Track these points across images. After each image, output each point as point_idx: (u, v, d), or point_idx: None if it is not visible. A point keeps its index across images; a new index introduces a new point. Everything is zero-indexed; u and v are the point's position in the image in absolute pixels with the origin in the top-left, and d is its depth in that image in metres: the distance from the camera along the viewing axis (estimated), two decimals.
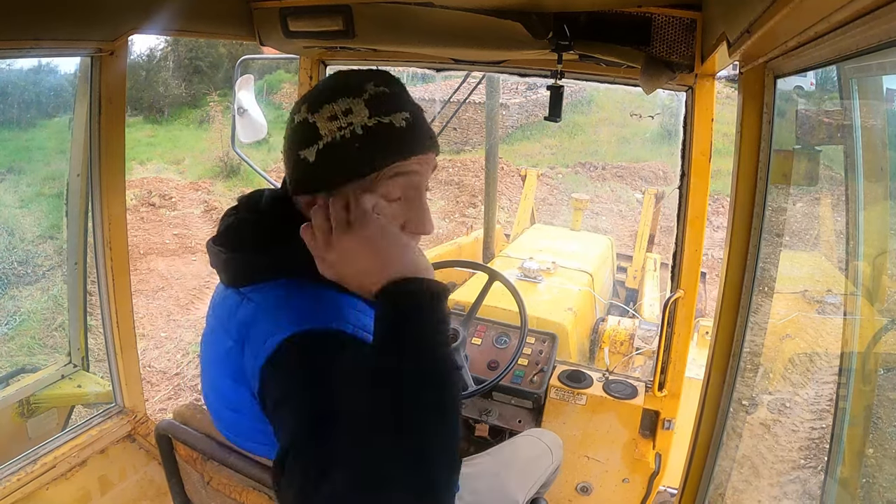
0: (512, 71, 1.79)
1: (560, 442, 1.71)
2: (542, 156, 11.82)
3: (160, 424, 1.04)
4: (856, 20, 0.62)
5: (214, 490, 1.00)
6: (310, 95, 0.83)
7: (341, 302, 0.79)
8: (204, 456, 0.98)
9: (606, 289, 3.86)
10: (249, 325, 0.78)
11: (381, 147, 0.79)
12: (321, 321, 0.75)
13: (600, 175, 11.05)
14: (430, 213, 0.86)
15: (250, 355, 0.76)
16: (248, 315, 0.80)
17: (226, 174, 10.44)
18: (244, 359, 0.78)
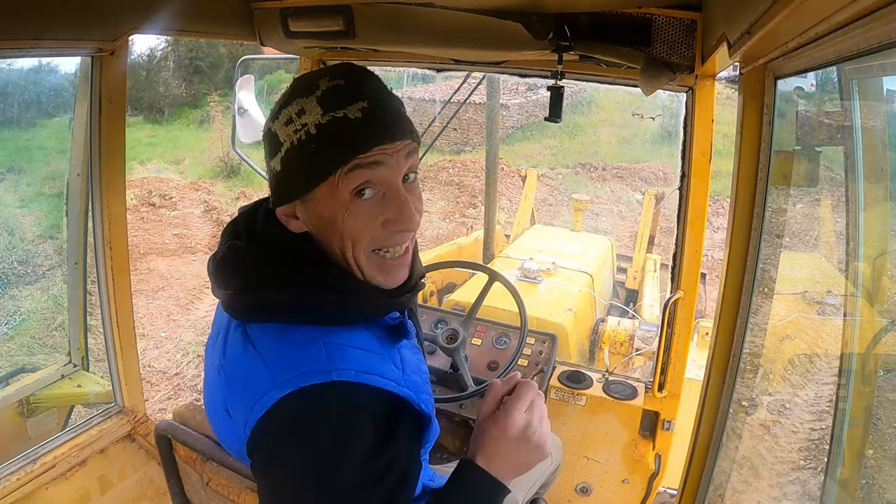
0: (512, 71, 1.79)
1: (559, 443, 1.71)
2: (542, 156, 11.82)
3: (160, 425, 1.04)
4: (856, 21, 0.62)
5: (213, 491, 1.00)
6: (280, 101, 0.80)
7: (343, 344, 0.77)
8: (203, 457, 0.98)
9: (606, 289, 3.86)
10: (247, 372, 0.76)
11: (335, 143, 0.75)
12: (322, 374, 0.72)
13: (600, 176, 11.05)
14: (413, 206, 0.80)
15: (243, 403, 0.74)
16: (248, 360, 0.76)
17: (226, 174, 10.45)
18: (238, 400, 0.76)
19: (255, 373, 0.74)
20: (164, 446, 1.06)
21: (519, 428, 0.83)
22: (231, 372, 0.79)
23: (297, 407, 0.70)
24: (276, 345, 0.76)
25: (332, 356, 0.74)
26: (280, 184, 0.80)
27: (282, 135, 0.77)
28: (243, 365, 0.76)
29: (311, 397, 0.71)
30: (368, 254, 0.81)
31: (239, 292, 0.81)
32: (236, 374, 0.78)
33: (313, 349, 0.75)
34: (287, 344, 0.76)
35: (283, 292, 0.78)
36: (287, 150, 0.77)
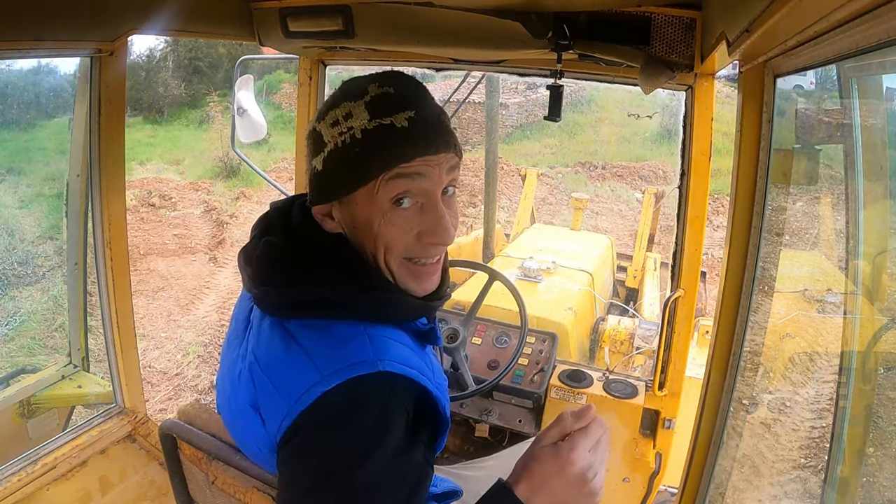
0: (512, 71, 1.79)
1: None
2: (541, 155, 11.81)
3: (164, 424, 1.04)
4: (855, 19, 0.62)
5: (219, 490, 1.00)
6: (326, 104, 0.82)
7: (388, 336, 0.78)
8: (209, 456, 0.98)
9: (606, 288, 3.86)
10: (289, 367, 0.75)
11: (379, 150, 0.76)
12: (369, 364, 0.73)
13: (600, 175, 11.05)
14: (448, 220, 0.81)
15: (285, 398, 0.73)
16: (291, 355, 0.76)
17: (226, 174, 10.44)
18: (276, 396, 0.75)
19: (298, 367, 0.74)
20: (169, 445, 1.06)
21: (580, 468, 0.76)
22: (268, 368, 0.77)
23: (341, 399, 0.70)
24: (321, 339, 0.76)
25: (377, 347, 0.75)
26: (320, 183, 0.81)
27: (326, 135, 0.78)
28: (285, 360, 0.76)
29: (357, 388, 0.71)
30: (400, 260, 0.82)
31: (280, 288, 0.80)
32: (275, 369, 0.76)
33: (359, 341, 0.75)
34: (332, 338, 0.76)
35: (327, 289, 0.79)
36: (330, 151, 0.78)
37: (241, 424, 0.83)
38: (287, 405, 0.72)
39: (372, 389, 0.72)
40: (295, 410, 0.71)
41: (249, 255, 0.85)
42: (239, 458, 0.93)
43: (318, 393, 0.70)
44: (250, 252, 0.86)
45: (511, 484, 0.77)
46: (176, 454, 1.07)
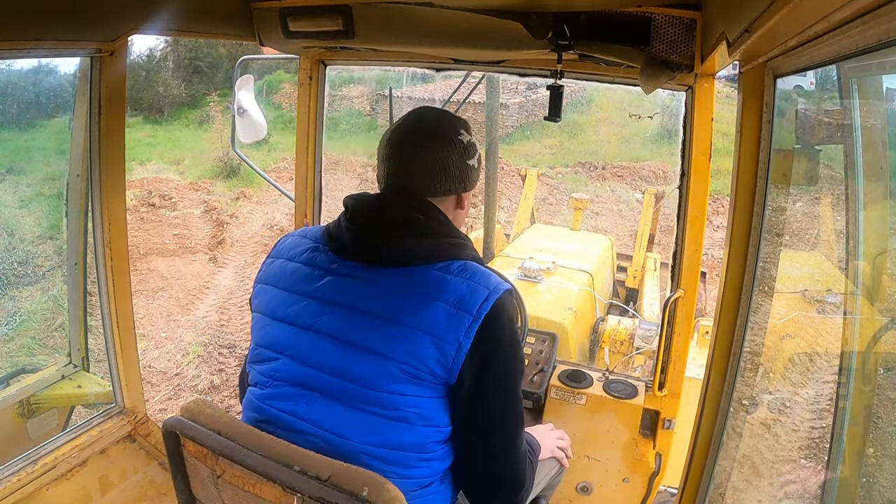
0: (512, 71, 1.79)
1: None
2: (542, 155, 11.82)
3: (167, 421, 1.04)
4: (855, 20, 0.62)
5: (227, 483, 1.00)
6: (461, 123, 1.16)
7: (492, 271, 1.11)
8: (214, 452, 0.98)
9: (606, 288, 3.86)
10: (462, 291, 1.02)
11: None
12: (506, 284, 1.07)
13: (600, 175, 11.05)
14: None
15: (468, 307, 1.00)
16: (459, 285, 1.03)
17: (226, 174, 10.44)
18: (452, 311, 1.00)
19: (471, 289, 1.02)
20: (172, 442, 1.06)
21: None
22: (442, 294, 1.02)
23: (507, 302, 1.05)
24: (472, 273, 1.05)
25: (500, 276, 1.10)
26: (476, 175, 1.19)
27: (476, 145, 1.17)
28: (459, 287, 1.03)
29: (510, 297, 1.06)
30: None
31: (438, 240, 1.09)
32: (452, 293, 1.02)
33: (492, 272, 1.09)
34: (479, 271, 1.07)
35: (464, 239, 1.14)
36: (479, 155, 1.19)
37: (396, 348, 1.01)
38: (469, 317, 1.00)
39: (513, 298, 1.09)
40: (479, 318, 1.00)
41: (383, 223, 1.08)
42: (244, 454, 0.94)
43: (493, 301, 1.02)
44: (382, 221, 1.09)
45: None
46: (179, 451, 1.07)
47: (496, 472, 1.10)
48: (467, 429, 1.06)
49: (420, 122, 1.15)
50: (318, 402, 1.03)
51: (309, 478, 0.90)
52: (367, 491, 0.88)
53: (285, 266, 1.14)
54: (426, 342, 0.99)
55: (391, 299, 1.03)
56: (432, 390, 1.01)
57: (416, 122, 1.15)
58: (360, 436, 1.01)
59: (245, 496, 0.99)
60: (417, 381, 1.00)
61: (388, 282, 1.04)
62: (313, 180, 2.13)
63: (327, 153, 2.19)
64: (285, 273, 1.13)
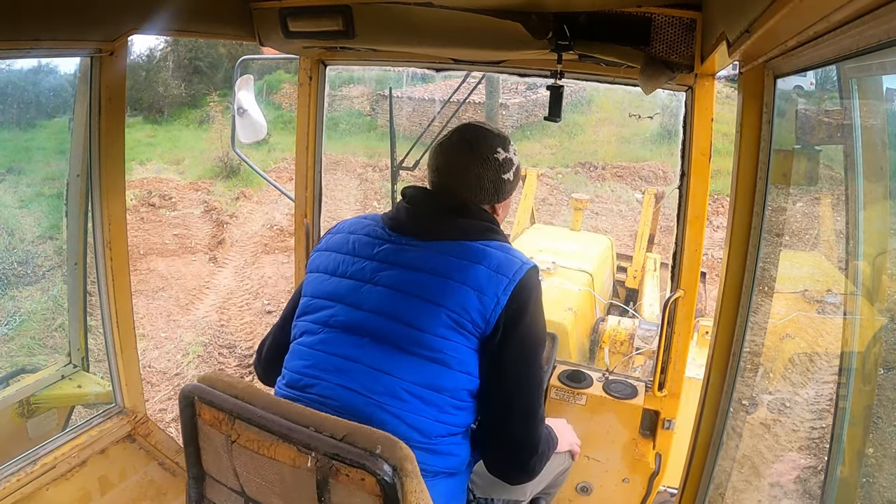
0: (512, 71, 1.79)
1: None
2: (542, 156, 11.81)
3: (185, 388, 1.07)
4: (855, 20, 0.62)
5: (241, 448, 1.01)
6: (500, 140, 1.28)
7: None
8: (230, 416, 1.00)
9: (606, 289, 3.86)
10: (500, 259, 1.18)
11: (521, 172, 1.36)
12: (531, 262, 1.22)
13: (600, 175, 11.05)
14: None
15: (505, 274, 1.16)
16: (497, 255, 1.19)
17: (226, 174, 10.44)
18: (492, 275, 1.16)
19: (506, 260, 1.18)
20: (187, 411, 1.08)
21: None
22: (485, 261, 1.17)
23: (534, 276, 1.20)
24: (507, 250, 1.22)
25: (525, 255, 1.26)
26: (510, 186, 1.32)
27: (514, 160, 1.30)
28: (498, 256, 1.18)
29: (536, 272, 1.22)
30: None
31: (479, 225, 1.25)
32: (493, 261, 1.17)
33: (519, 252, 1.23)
34: (511, 249, 1.23)
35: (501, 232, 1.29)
36: (516, 169, 1.31)
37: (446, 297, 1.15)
38: (507, 279, 1.15)
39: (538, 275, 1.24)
40: (514, 281, 1.15)
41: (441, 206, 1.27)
42: (261, 415, 0.97)
43: (525, 271, 1.17)
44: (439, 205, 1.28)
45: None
46: (194, 421, 1.08)
47: (513, 433, 1.19)
48: (492, 384, 1.18)
49: (462, 140, 1.29)
50: (367, 344, 1.16)
51: (324, 436, 0.93)
52: (380, 448, 0.91)
53: (347, 238, 1.29)
54: (471, 295, 1.14)
55: (442, 260, 1.18)
56: (470, 340, 1.15)
57: (460, 139, 1.29)
58: (405, 374, 1.13)
59: (259, 461, 1.00)
60: (460, 329, 1.13)
61: (438, 250, 1.20)
62: (313, 180, 2.13)
63: (327, 153, 2.19)
64: (347, 242, 1.28)
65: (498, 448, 1.23)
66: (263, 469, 1.01)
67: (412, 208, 1.27)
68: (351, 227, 1.34)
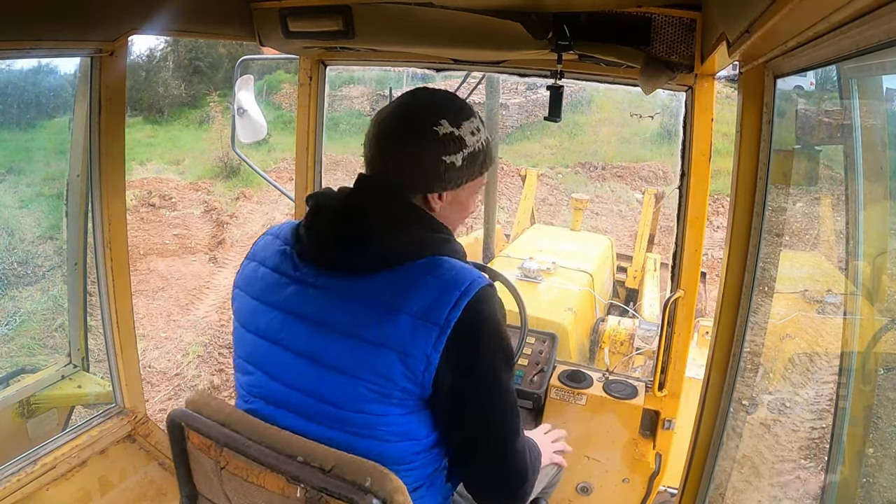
0: (512, 71, 1.79)
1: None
2: (542, 156, 11.81)
3: (173, 413, 1.05)
4: (855, 20, 0.62)
5: (230, 474, 1.00)
6: (443, 111, 1.01)
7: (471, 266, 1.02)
8: (218, 443, 0.99)
9: (606, 289, 3.86)
10: (430, 298, 0.93)
11: (490, 157, 1.09)
12: (483, 279, 0.97)
13: (600, 175, 11.05)
14: None
15: (436, 313, 0.92)
16: (427, 289, 0.94)
17: (226, 174, 10.44)
18: (419, 334, 0.92)
19: (438, 291, 0.93)
20: (176, 434, 1.06)
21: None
22: (405, 303, 0.93)
23: (482, 303, 0.95)
24: (443, 271, 0.96)
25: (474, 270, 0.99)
26: (456, 174, 1.03)
27: (468, 140, 1.03)
28: (423, 292, 0.93)
29: (488, 292, 0.97)
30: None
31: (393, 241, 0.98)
32: (416, 301, 0.93)
33: (468, 267, 0.99)
34: (451, 268, 0.97)
35: (434, 235, 1.02)
36: (471, 152, 1.03)
37: (353, 375, 0.95)
38: (437, 328, 0.91)
39: (494, 295, 0.99)
40: (448, 326, 0.91)
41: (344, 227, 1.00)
42: (248, 444, 0.94)
43: (465, 303, 0.92)
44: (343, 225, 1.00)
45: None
46: (183, 444, 1.07)
47: (495, 469, 1.05)
48: (456, 433, 1.01)
49: (400, 109, 1.04)
50: (295, 420, 0.99)
51: (312, 468, 0.90)
52: (370, 481, 0.88)
53: (257, 271, 1.08)
54: (392, 359, 0.91)
55: (355, 311, 0.95)
56: (405, 406, 0.95)
57: (398, 107, 1.04)
58: (341, 448, 0.94)
59: (248, 487, 0.99)
60: (388, 401, 0.94)
61: (351, 290, 0.96)
62: (313, 180, 2.13)
63: (327, 153, 2.19)
64: (256, 279, 1.07)
65: (481, 484, 1.09)
66: (253, 496, 0.98)
67: (313, 234, 1.01)
68: (261, 254, 1.10)
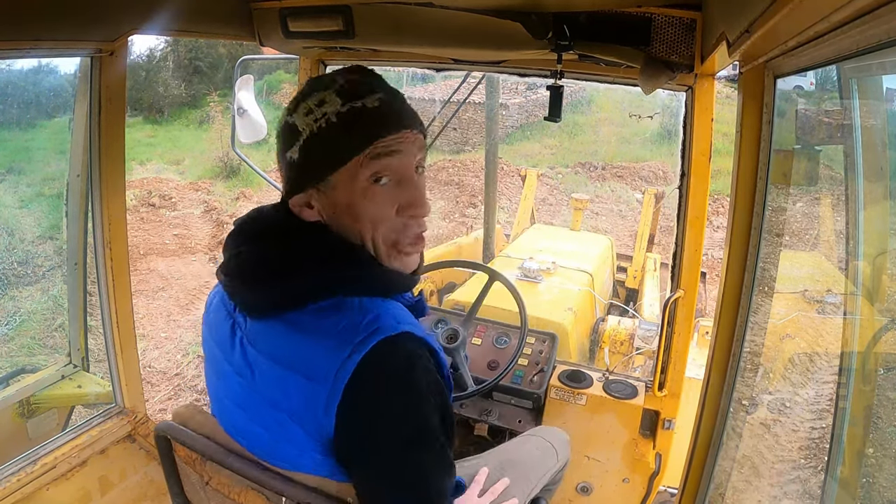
0: (512, 71, 1.79)
1: (566, 438, 1.68)
2: (542, 156, 11.81)
3: (159, 426, 1.04)
4: (855, 20, 0.62)
5: (214, 490, 0.99)
6: (295, 99, 0.85)
7: (393, 307, 0.82)
8: (203, 457, 0.98)
9: (606, 289, 3.86)
10: (311, 352, 0.77)
11: (358, 128, 0.80)
12: (391, 328, 0.77)
13: (600, 175, 11.05)
14: (425, 194, 0.86)
15: (320, 381, 0.75)
16: (308, 342, 0.78)
17: (226, 174, 10.43)
18: (302, 386, 0.76)
19: (324, 348, 0.75)
20: (164, 446, 1.06)
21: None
22: (291, 362, 0.78)
23: (389, 353, 0.75)
24: (338, 317, 0.77)
25: (391, 314, 0.79)
26: (299, 172, 0.83)
27: (301, 124, 0.82)
28: (307, 348, 0.77)
29: (392, 347, 0.75)
30: (387, 248, 0.86)
31: (276, 284, 0.81)
32: (301, 359, 0.77)
33: (374, 311, 0.79)
34: (348, 313, 0.78)
35: (329, 271, 0.81)
36: (307, 139, 0.81)
37: (272, 434, 0.83)
38: (327, 385, 0.74)
39: (408, 345, 0.77)
40: (339, 387, 0.73)
41: (234, 265, 0.86)
42: (232, 460, 0.92)
43: (356, 361, 0.73)
44: (234, 263, 0.86)
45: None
46: (171, 455, 1.07)
47: None
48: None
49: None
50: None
51: (295, 485, 0.86)
52: (352, 499, 0.85)
53: (209, 303, 0.97)
54: (290, 426, 0.79)
55: (255, 373, 0.82)
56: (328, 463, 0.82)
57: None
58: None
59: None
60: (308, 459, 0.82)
61: (251, 343, 0.83)
62: None
63: None
64: (208, 314, 0.96)
65: None
66: None
67: (228, 258, 0.88)
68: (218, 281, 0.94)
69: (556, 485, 1.59)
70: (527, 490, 1.43)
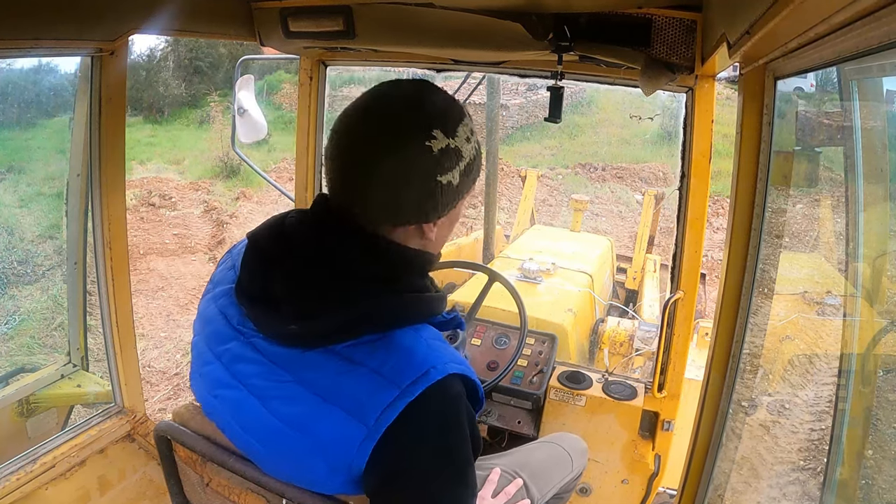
0: (512, 72, 1.79)
1: (584, 447, 1.66)
2: (541, 157, 11.82)
3: (159, 426, 1.04)
4: (856, 22, 0.62)
5: (214, 491, 0.99)
6: (434, 118, 0.76)
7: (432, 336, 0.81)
8: (203, 458, 0.98)
9: (606, 290, 3.86)
10: (357, 389, 0.74)
11: (481, 157, 0.86)
12: (439, 371, 0.75)
13: (600, 176, 11.05)
14: None
15: (359, 420, 0.73)
16: (356, 378, 0.75)
17: (226, 174, 10.43)
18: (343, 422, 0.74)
19: (371, 386, 0.73)
20: (164, 447, 1.06)
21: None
22: (334, 395, 0.75)
23: (437, 400, 0.74)
24: (385, 354, 0.76)
25: (438, 352, 0.78)
26: (451, 196, 0.80)
27: (464, 150, 0.79)
28: (352, 384, 0.75)
29: (440, 393, 0.74)
30: None
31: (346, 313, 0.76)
32: (344, 394, 0.75)
33: (420, 347, 0.77)
34: (394, 351, 0.76)
35: (395, 298, 0.79)
36: (467, 164, 0.80)
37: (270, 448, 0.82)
38: (368, 424, 0.72)
39: (454, 388, 0.76)
40: (380, 428, 0.72)
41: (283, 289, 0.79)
42: (233, 461, 0.92)
43: (403, 405, 0.72)
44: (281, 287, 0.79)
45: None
46: (171, 455, 1.07)
47: None
48: None
49: (376, 116, 0.77)
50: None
51: (295, 487, 0.86)
52: (353, 501, 0.85)
53: (209, 307, 0.93)
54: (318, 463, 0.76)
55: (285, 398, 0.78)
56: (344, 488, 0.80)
57: (370, 112, 0.78)
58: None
59: None
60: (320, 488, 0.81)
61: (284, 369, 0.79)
62: (313, 180, 2.13)
63: None
64: (208, 318, 0.93)
65: None
66: None
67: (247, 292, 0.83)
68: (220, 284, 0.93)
69: (568, 493, 1.57)
70: (537, 496, 1.41)
